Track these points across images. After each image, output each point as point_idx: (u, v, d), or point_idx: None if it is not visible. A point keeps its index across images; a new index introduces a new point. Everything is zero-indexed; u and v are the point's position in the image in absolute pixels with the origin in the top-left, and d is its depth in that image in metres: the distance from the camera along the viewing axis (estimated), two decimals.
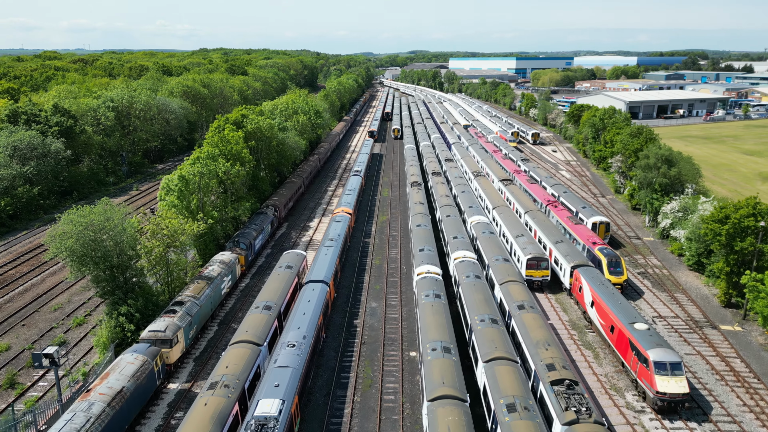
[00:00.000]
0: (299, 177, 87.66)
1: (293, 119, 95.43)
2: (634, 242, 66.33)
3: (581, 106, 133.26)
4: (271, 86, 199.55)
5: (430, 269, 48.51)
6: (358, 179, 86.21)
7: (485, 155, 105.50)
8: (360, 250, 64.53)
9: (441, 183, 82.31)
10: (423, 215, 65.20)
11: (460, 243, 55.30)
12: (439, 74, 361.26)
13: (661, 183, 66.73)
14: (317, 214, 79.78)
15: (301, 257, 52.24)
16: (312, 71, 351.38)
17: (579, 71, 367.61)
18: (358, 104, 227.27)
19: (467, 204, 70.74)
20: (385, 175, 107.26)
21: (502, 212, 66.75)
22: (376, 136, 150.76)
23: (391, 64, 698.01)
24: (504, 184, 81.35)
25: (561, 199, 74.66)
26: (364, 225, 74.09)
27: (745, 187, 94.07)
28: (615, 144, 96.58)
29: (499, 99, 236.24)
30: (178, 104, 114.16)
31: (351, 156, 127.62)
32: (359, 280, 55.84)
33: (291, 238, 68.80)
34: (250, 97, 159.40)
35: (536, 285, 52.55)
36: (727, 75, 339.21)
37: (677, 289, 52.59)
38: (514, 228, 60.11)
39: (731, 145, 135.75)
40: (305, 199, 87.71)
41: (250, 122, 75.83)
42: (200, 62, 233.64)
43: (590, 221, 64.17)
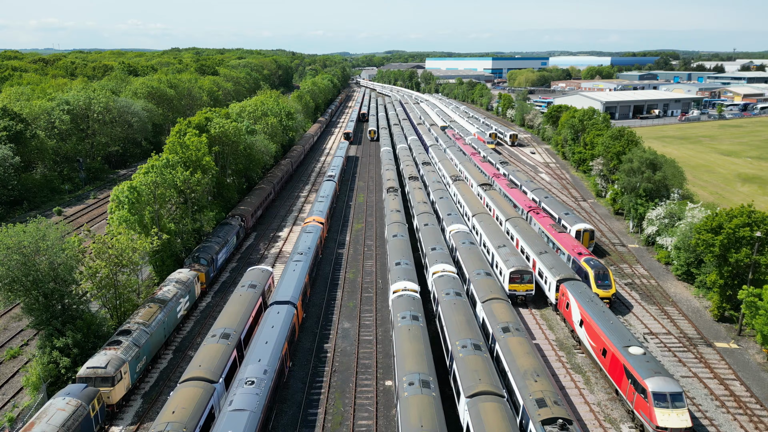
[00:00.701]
0: (269, 183, 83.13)
1: (262, 122, 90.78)
2: (619, 250, 63.71)
3: (559, 107, 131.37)
4: (244, 87, 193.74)
5: (407, 286, 44.80)
6: (332, 185, 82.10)
7: (463, 158, 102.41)
8: (333, 262, 60.49)
9: (418, 188, 78.76)
10: (399, 224, 61.48)
11: (438, 255, 51.71)
12: (415, 74, 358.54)
13: (645, 188, 64.26)
14: (288, 222, 75.41)
15: (267, 274, 47.97)
16: (287, 71, 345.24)
17: (554, 71, 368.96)
18: (333, 105, 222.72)
19: (446, 211, 67.29)
20: (360, 179, 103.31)
21: (482, 220, 63.44)
22: (352, 138, 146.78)
23: (368, 64, 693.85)
24: (483, 189, 78.19)
25: (542, 204, 71.78)
26: (338, 234, 70.03)
27: (726, 189, 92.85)
28: (595, 146, 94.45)
29: (476, 99, 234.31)
30: (142, 106, 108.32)
31: (325, 159, 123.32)
32: (331, 296, 51.81)
33: (259, 250, 64.36)
34: (220, 98, 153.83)
35: (520, 300, 49.27)
36: (699, 75, 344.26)
37: (667, 302, 49.88)
38: (495, 237, 56.80)
39: (708, 146, 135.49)
40: (276, 207, 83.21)
41: (215, 126, 71.12)
42: (170, 62, 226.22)
43: (574, 229, 61.28)
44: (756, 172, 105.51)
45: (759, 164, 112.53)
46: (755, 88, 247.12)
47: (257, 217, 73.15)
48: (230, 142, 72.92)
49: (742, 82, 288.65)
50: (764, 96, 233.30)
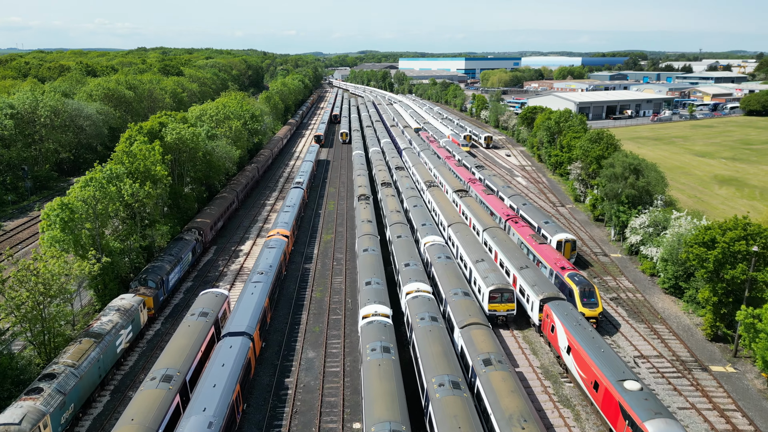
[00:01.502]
0: (232, 191, 77.81)
1: (225, 126, 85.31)
2: (602, 260, 60.61)
3: (534, 108, 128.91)
4: (210, 87, 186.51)
5: (378, 310, 40.49)
6: (299, 193, 77.25)
7: (438, 162, 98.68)
8: (298, 279, 55.78)
9: (391, 196, 74.55)
10: (371, 237, 57.13)
11: (412, 272, 47.55)
12: (389, 75, 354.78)
13: (628, 194, 61.31)
14: (252, 234, 70.31)
15: (221, 299, 43.03)
16: (257, 71, 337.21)
17: (527, 71, 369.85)
18: (304, 106, 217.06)
19: (420, 221, 63.23)
20: (331, 184, 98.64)
21: (458, 230, 59.58)
22: (323, 141, 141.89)
23: (341, 64, 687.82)
24: (459, 196, 74.45)
25: (521, 212, 68.37)
26: (305, 247, 65.32)
27: (704, 192, 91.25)
28: (573, 149, 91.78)
29: (449, 100, 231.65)
30: (97, 109, 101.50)
31: (295, 163, 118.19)
32: (295, 319, 47.14)
33: (218, 267, 59.19)
34: (184, 100, 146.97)
35: (500, 320, 45.46)
36: (668, 75, 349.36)
37: (655, 319, 46.73)
38: (472, 251, 52.94)
39: (682, 147, 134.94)
40: (239, 216, 77.92)
41: (170, 132, 65.60)
42: (133, 62, 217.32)
43: (555, 239, 57.90)
44: (732, 174, 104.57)
45: (734, 165, 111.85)
46: (723, 88, 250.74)
47: (218, 230, 67.88)
48: (188, 149, 67.48)
49: (710, 82, 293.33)
50: (732, 96, 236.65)
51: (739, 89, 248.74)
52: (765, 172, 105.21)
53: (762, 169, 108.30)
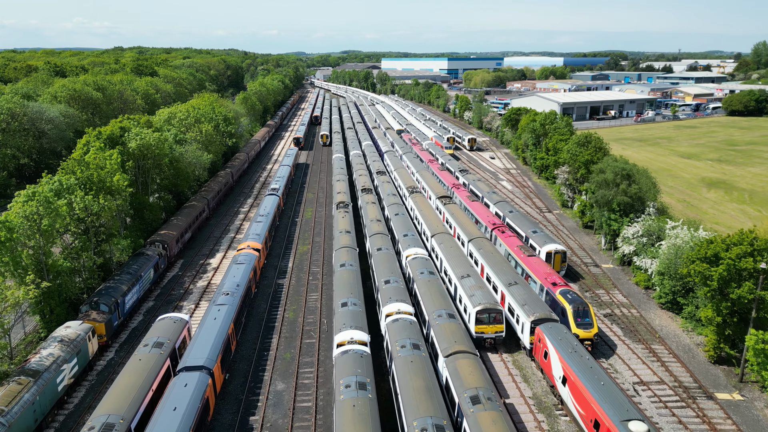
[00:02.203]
0: (203, 199, 73.23)
1: (195, 129, 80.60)
2: (593, 271, 57.51)
3: (518, 109, 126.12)
4: (186, 88, 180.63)
5: (354, 337, 36.65)
6: (274, 200, 72.98)
7: (420, 166, 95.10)
8: (270, 297, 51.63)
9: (372, 203, 70.69)
10: (349, 250, 53.22)
11: (393, 291, 43.78)
12: (371, 75, 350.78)
13: (620, 202, 58.29)
14: (222, 245, 65.89)
15: (180, 325, 38.76)
16: (237, 71, 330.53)
17: (510, 71, 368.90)
18: (285, 107, 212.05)
19: (402, 231, 59.51)
20: (309, 190, 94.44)
21: (442, 241, 55.97)
22: (302, 143, 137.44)
23: (323, 64, 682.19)
24: (443, 203, 70.93)
25: (507, 220, 65.04)
26: (279, 259, 61.13)
27: (693, 196, 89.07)
28: (559, 152, 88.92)
29: (432, 101, 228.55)
30: (61, 111, 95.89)
31: (272, 167, 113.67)
32: (265, 345, 43.04)
33: (183, 284, 54.74)
34: (158, 102, 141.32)
35: (488, 343, 41.90)
36: (649, 75, 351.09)
37: (653, 339, 43.61)
38: (458, 265, 49.35)
39: (667, 148, 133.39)
40: (210, 226, 73.36)
41: (133, 137, 60.95)
42: (105, 62, 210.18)
43: (544, 250, 54.60)
44: (719, 176, 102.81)
45: (720, 167, 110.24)
46: (704, 88, 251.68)
47: (185, 242, 63.35)
48: (153, 155, 62.87)
49: (691, 82, 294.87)
50: (714, 96, 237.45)
51: (720, 89, 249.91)
52: (752, 174, 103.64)
53: (749, 171, 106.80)
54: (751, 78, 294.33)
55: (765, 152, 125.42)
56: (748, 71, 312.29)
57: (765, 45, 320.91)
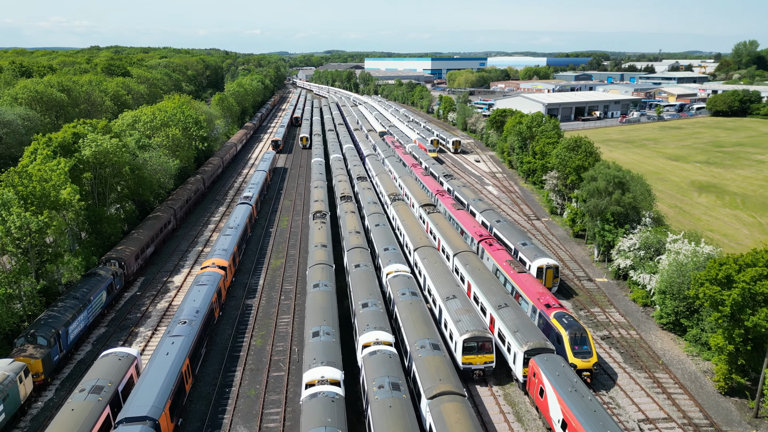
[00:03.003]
0: (168, 209, 68.05)
1: (161, 133, 75.29)
2: (586, 286, 53.76)
3: (503, 111, 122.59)
4: (161, 89, 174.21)
5: (326, 374, 32.23)
6: (246, 210, 68.13)
7: (403, 171, 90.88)
8: (236, 320, 46.91)
9: (351, 212, 66.23)
10: (324, 267, 48.70)
11: (371, 317, 39.40)
12: (354, 75, 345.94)
13: (614, 212, 54.63)
14: (188, 261, 60.87)
15: (126, 363, 33.92)
16: (217, 71, 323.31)
17: (493, 72, 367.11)
18: (264, 108, 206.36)
19: (382, 244, 55.14)
20: (287, 196, 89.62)
21: (426, 256, 51.75)
22: (281, 146, 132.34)
23: (306, 63, 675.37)
24: (426, 212, 66.75)
25: (495, 231, 61.08)
26: (249, 276, 56.36)
27: (684, 201, 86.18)
28: (546, 156, 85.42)
29: (416, 102, 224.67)
30: (20, 114, 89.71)
31: (249, 172, 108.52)
32: (227, 379, 38.36)
33: (141, 306, 49.74)
34: (129, 103, 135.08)
35: (476, 375, 37.74)
36: (631, 75, 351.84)
37: (656, 366, 39.86)
38: (442, 284, 45.15)
39: (653, 150, 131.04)
40: (177, 238, 68.21)
41: (89, 144, 55.70)
42: (77, 62, 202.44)
43: (535, 265, 50.69)
44: (708, 179, 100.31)
45: (709, 170, 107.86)
46: (687, 88, 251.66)
47: (146, 257, 58.23)
48: (111, 163, 57.66)
49: (673, 82, 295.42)
50: (697, 96, 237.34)
51: (703, 89, 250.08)
52: (742, 177, 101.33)
53: (738, 173, 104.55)
54: (732, 78, 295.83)
55: (753, 154, 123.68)
56: (729, 71, 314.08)
57: (745, 45, 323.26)
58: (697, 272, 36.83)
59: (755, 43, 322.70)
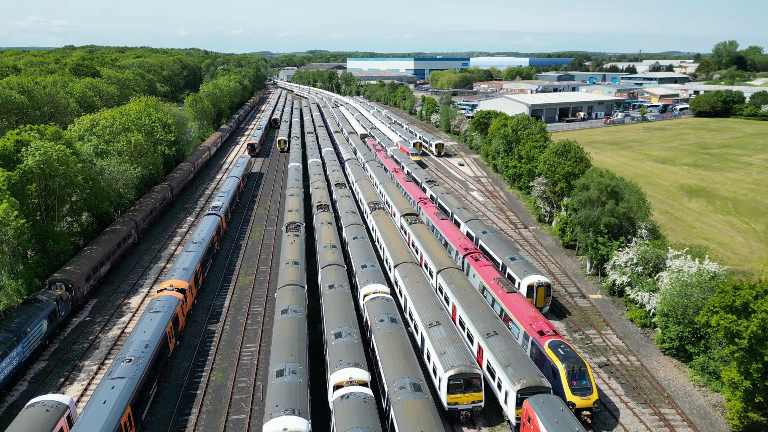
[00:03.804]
0: (129, 221, 62.76)
1: (122, 139, 69.80)
2: (579, 304, 49.94)
3: (488, 113, 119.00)
4: (133, 90, 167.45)
5: (289, 426, 27.69)
6: (214, 221, 63.16)
7: (384, 176, 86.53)
8: (196, 350, 42.05)
9: (327, 224, 61.69)
10: (294, 289, 44.10)
11: (345, 349, 34.91)
12: (336, 75, 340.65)
13: (608, 223, 50.89)
14: (148, 279, 55.71)
15: (54, 416, 28.92)
16: (195, 72, 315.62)
17: (476, 72, 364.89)
18: (243, 109, 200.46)
19: (360, 260, 50.66)
20: (261, 204, 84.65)
21: (407, 273, 47.46)
22: (258, 149, 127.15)
23: (288, 63, 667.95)
24: (408, 222, 62.47)
25: (481, 243, 57.02)
26: (214, 296, 51.45)
27: (675, 207, 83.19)
28: (533, 160, 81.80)
29: (398, 102, 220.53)
30: None
31: (222, 177, 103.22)
32: (179, 425, 33.54)
33: (90, 334, 44.57)
34: (97, 105, 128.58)
35: (464, 417, 33.46)
36: (613, 76, 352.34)
37: (661, 398, 36.04)
38: (425, 307, 40.87)
39: (639, 152, 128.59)
40: (138, 252, 62.91)
41: (32, 152, 50.31)
42: (44, 62, 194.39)
43: (525, 283, 46.71)
44: (698, 183, 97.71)
45: (698, 173, 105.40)
46: (669, 88, 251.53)
47: (100, 277, 52.97)
48: (60, 174, 52.32)
49: (654, 83, 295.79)
50: (679, 96, 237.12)
51: (684, 90, 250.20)
52: (732, 180, 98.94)
53: (727, 177, 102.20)
54: (713, 78, 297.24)
55: (739, 156, 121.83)
56: (709, 71, 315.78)
57: (725, 46, 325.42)
58: (705, 295, 33.09)
59: (735, 43, 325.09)
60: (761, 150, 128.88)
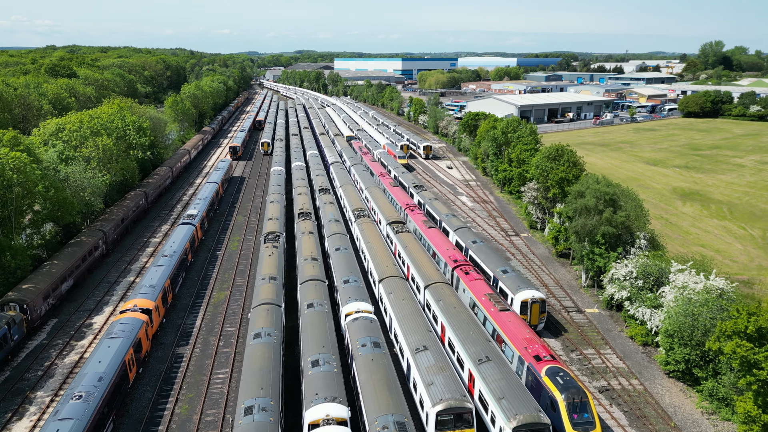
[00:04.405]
0: (96, 232, 58.76)
1: (90, 144, 65.71)
2: (575, 319, 47.04)
3: (476, 114, 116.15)
4: (112, 91, 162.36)
5: None
6: (188, 231, 59.42)
7: (370, 181, 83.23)
8: (161, 378, 38.38)
9: (309, 233, 58.21)
10: (270, 308, 40.64)
11: (322, 380, 31.55)
12: (322, 75, 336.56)
13: (605, 233, 48.03)
14: (114, 296, 51.83)
15: None
16: (179, 72, 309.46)
17: (464, 72, 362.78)
18: (226, 111, 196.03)
19: (343, 274, 47.31)
20: (241, 211, 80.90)
21: (392, 290, 44.22)
22: (240, 152, 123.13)
23: (275, 64, 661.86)
24: (394, 231, 59.22)
25: (471, 253, 53.95)
26: (185, 315, 47.78)
27: (669, 212, 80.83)
28: (523, 164, 79.06)
29: (386, 103, 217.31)
30: None
31: (202, 182, 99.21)
32: None
33: (46, 359, 40.72)
34: (73, 107, 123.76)
35: None
36: (601, 76, 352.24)
37: (668, 429, 33.12)
38: (411, 329, 37.64)
39: (630, 153, 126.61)
40: (108, 265, 58.94)
41: None
42: (20, 62, 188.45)
43: (518, 299, 43.70)
44: (691, 186, 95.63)
45: (690, 175, 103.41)
46: (656, 89, 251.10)
47: (61, 294, 49.04)
48: (17, 182, 48.34)
49: (642, 83, 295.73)
50: (667, 96, 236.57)
51: (672, 90, 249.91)
52: (725, 183, 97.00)
53: (720, 179, 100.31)
54: (700, 78, 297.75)
55: (731, 157, 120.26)
56: (696, 71, 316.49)
57: (711, 46, 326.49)
58: (714, 315, 30.23)
59: (721, 43, 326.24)
60: (752, 151, 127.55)
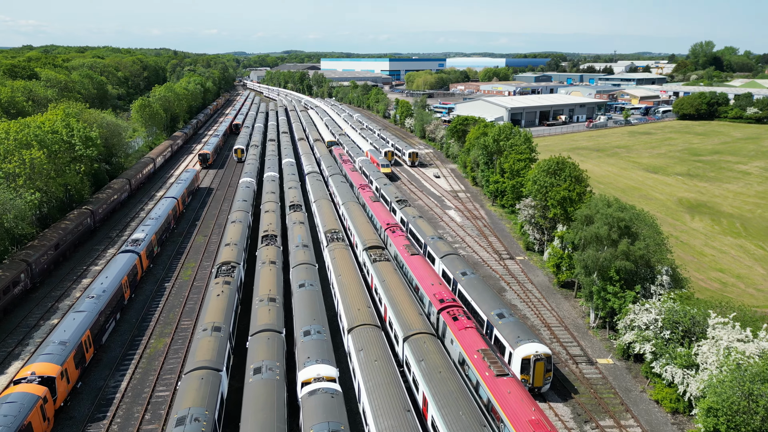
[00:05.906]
0: (18, 264, 49.54)
1: (16, 158, 56.38)
2: (587, 374, 38.90)
3: (465, 119, 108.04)
4: (79, 93, 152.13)
5: None
6: (127, 263, 50.36)
7: (349, 195, 74.70)
8: None
9: (270, 263, 49.54)
10: (205, 377, 31.91)
11: None
12: (307, 76, 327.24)
13: (620, 268, 39.94)
14: (29, 346, 42.74)
15: None
16: (158, 73, 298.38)
17: (452, 73, 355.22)
18: (203, 114, 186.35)
19: (303, 322, 38.73)
20: (202, 230, 71.90)
21: (364, 345, 35.75)
22: (211, 160, 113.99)
23: (261, 64, 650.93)
24: (371, 259, 50.79)
25: (460, 289, 45.66)
26: (108, 375, 38.83)
27: (678, 228, 73.17)
28: (517, 176, 71.13)
29: (371, 105, 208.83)
30: None
31: (166, 194, 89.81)
32: None
33: None
34: (29, 111, 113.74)
35: None
36: (590, 77, 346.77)
37: None
38: (385, 411, 29.17)
39: (627, 159, 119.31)
40: (31, 302, 49.75)
41: None
42: None
43: (519, 354, 35.46)
44: (696, 196, 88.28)
45: (694, 184, 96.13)
46: (648, 90, 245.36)
47: None
48: None
49: (632, 84, 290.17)
50: (659, 98, 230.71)
51: (664, 91, 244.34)
52: (733, 193, 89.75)
53: (726, 188, 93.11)
54: (690, 79, 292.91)
55: (734, 163, 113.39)
56: (686, 72, 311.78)
57: (702, 46, 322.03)
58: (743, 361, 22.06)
59: (711, 44, 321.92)
60: (755, 157, 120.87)
